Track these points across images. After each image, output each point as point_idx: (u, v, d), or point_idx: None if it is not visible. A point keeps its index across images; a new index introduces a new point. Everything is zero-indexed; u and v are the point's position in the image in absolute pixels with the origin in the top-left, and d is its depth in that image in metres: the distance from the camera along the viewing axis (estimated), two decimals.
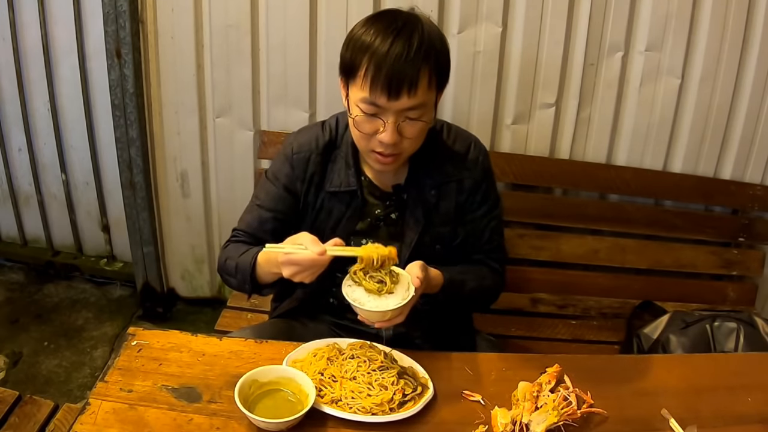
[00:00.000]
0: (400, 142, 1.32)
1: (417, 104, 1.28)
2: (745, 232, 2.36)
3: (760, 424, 1.26)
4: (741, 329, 1.96)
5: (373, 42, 1.26)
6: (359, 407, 1.19)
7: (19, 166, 2.64)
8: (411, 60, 1.25)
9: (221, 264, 1.47)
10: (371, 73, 1.25)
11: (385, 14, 1.32)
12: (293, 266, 1.23)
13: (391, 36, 1.25)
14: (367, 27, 1.29)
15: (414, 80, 1.26)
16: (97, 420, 1.13)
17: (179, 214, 2.49)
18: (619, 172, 2.28)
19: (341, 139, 1.46)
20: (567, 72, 2.19)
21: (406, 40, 1.25)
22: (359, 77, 1.27)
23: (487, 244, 1.53)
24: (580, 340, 2.23)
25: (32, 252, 2.81)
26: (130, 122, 2.26)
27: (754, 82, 2.21)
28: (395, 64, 1.24)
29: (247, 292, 1.43)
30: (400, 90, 1.25)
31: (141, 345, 1.31)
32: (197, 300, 2.68)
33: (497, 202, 1.54)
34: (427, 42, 1.27)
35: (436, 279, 1.38)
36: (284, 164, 1.46)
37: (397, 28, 1.26)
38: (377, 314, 1.24)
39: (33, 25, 2.35)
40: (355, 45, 1.29)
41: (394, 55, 1.24)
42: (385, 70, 1.24)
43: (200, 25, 2.16)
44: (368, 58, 1.25)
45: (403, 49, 1.24)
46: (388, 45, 1.24)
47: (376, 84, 1.25)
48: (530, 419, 1.17)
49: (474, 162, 1.49)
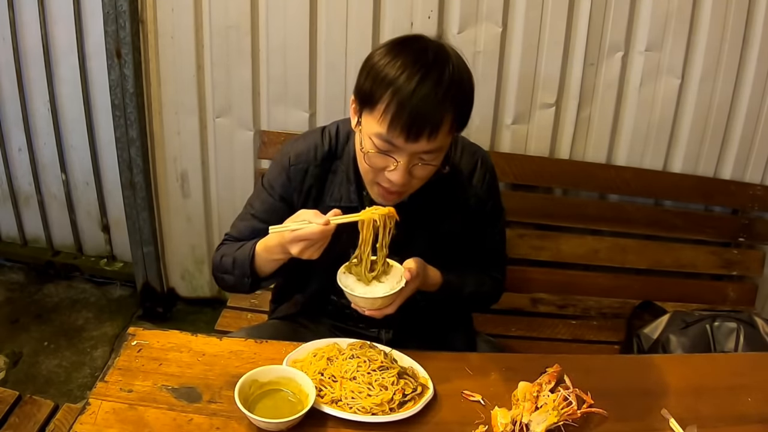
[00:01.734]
0: (408, 181, 1.27)
1: (434, 148, 1.22)
2: (745, 232, 2.37)
3: (760, 424, 1.26)
4: (741, 329, 1.96)
5: (397, 77, 1.17)
6: (359, 407, 1.19)
7: (19, 166, 2.64)
8: (437, 103, 1.17)
9: (216, 263, 1.45)
10: (392, 111, 1.17)
11: (413, 44, 1.22)
12: (302, 242, 1.21)
13: (418, 73, 1.16)
14: (392, 57, 1.19)
15: (437, 125, 1.18)
16: (97, 420, 1.13)
17: (179, 214, 2.49)
18: (619, 172, 2.28)
19: (342, 149, 1.41)
20: (567, 72, 2.19)
21: (434, 80, 1.17)
22: (378, 111, 1.19)
23: (489, 255, 1.52)
24: (580, 340, 2.23)
25: (32, 252, 2.81)
26: (130, 122, 2.26)
27: (754, 82, 2.21)
28: (419, 105, 1.16)
29: (246, 287, 1.40)
30: (420, 133, 1.18)
31: (141, 345, 1.31)
32: (197, 300, 2.68)
33: (501, 215, 1.53)
34: (456, 84, 1.19)
35: (434, 278, 1.38)
36: (281, 174, 1.42)
37: (426, 64, 1.18)
38: (366, 301, 1.25)
39: (33, 25, 2.35)
40: (377, 76, 1.19)
41: (420, 96, 1.15)
42: (407, 111, 1.16)
43: (200, 25, 2.16)
44: (391, 95, 1.17)
45: (430, 90, 1.16)
46: (414, 84, 1.16)
47: (396, 124, 1.17)
48: (530, 419, 1.17)
49: (480, 181, 1.44)
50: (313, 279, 1.52)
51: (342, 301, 1.52)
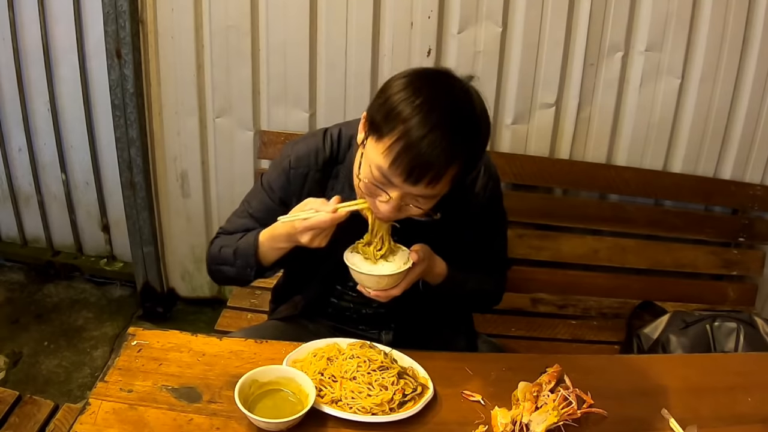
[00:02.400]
0: (396, 216, 1.23)
1: (431, 194, 1.19)
2: (745, 232, 2.37)
3: (760, 424, 1.26)
4: (741, 329, 1.96)
5: (411, 117, 1.12)
6: (359, 407, 1.18)
7: (19, 166, 2.64)
8: (445, 154, 1.12)
9: (214, 255, 1.43)
10: (397, 150, 1.13)
11: (437, 82, 1.17)
12: (311, 231, 1.21)
13: (432, 120, 1.11)
14: (411, 93, 1.14)
15: (439, 174, 1.14)
16: (97, 420, 1.13)
17: (179, 214, 2.49)
18: (619, 172, 2.28)
19: (344, 154, 1.38)
20: (567, 72, 2.19)
21: (448, 129, 1.12)
22: (384, 144, 1.15)
23: (490, 259, 1.52)
24: (580, 340, 2.23)
25: (32, 252, 2.81)
26: (130, 122, 2.26)
27: (754, 82, 2.21)
28: (427, 152, 1.11)
29: (249, 277, 1.39)
30: (420, 179, 1.14)
31: (141, 345, 1.31)
32: (197, 300, 2.68)
33: (503, 221, 1.52)
34: (471, 137, 1.15)
35: (439, 267, 1.37)
36: (281, 176, 1.40)
37: (444, 111, 1.13)
38: (372, 278, 1.24)
39: (33, 25, 2.35)
40: (392, 109, 1.14)
41: (429, 143, 1.11)
42: (412, 155, 1.12)
43: (200, 25, 2.16)
44: (400, 133, 1.12)
45: (441, 139, 1.11)
46: (426, 129, 1.11)
47: (399, 163, 1.13)
48: (530, 419, 1.17)
49: (483, 188, 1.42)
50: (313, 283, 1.52)
51: (342, 304, 1.53)
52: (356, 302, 1.51)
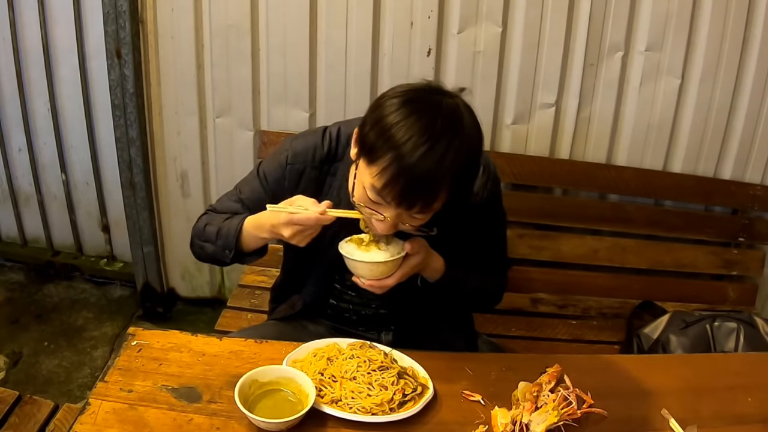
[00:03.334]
0: (394, 231, 1.25)
1: (426, 214, 1.22)
2: (745, 232, 2.37)
3: (760, 424, 1.26)
4: (741, 329, 1.96)
5: (403, 143, 1.12)
6: (359, 407, 1.19)
7: (19, 166, 2.64)
8: (437, 179, 1.13)
9: (198, 230, 1.43)
10: (389, 175, 1.13)
11: (427, 103, 1.16)
12: (295, 226, 1.21)
13: (424, 145, 1.11)
14: (402, 117, 1.14)
15: (431, 199, 1.16)
16: (97, 420, 1.13)
17: (179, 214, 2.49)
18: (619, 172, 2.28)
19: (343, 152, 1.39)
20: (567, 72, 2.19)
21: (439, 155, 1.12)
22: (376, 167, 1.15)
23: (490, 259, 1.52)
24: (580, 340, 2.23)
25: (32, 252, 2.81)
26: (130, 122, 2.26)
27: (754, 82, 2.21)
28: (419, 179, 1.12)
29: (227, 259, 1.38)
30: (413, 204, 1.16)
31: (141, 345, 1.31)
32: (197, 300, 2.68)
33: (503, 221, 1.52)
34: (462, 157, 1.15)
35: (437, 263, 1.37)
36: (277, 170, 1.42)
37: (434, 135, 1.12)
38: (366, 266, 1.25)
39: (33, 25, 2.35)
40: (383, 133, 1.14)
41: (421, 170, 1.11)
42: (404, 180, 1.13)
43: (200, 25, 2.16)
44: (391, 159, 1.13)
45: (432, 165, 1.12)
46: (417, 156, 1.11)
47: (391, 189, 1.14)
48: (530, 419, 1.17)
49: (482, 188, 1.42)
50: (311, 282, 1.52)
51: (341, 305, 1.53)
52: (355, 303, 1.51)
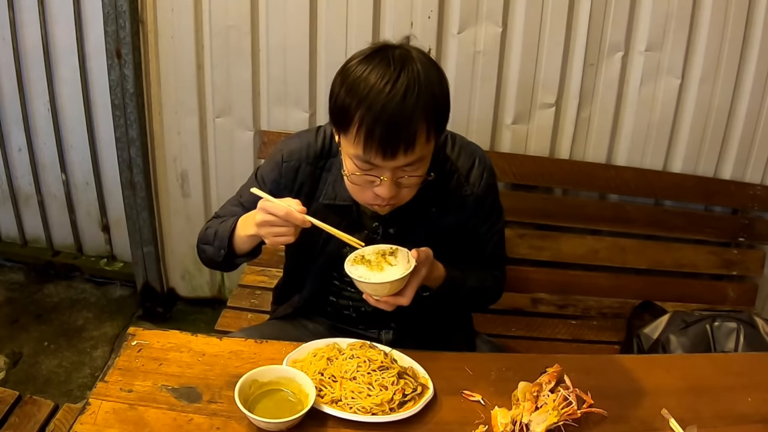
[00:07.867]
0: (398, 192, 1.27)
1: (414, 160, 1.22)
2: (745, 232, 2.37)
3: (760, 424, 1.26)
4: (741, 329, 1.96)
5: (366, 94, 1.17)
6: (359, 407, 1.18)
7: (19, 166, 2.64)
8: (407, 117, 1.17)
9: (202, 234, 1.46)
10: (364, 132, 1.18)
11: (378, 55, 1.21)
12: (266, 215, 1.22)
13: (385, 88, 1.16)
14: (357, 73, 1.19)
15: (411, 139, 1.19)
16: (97, 420, 1.13)
17: (179, 214, 2.49)
18: (619, 172, 2.28)
19: (337, 147, 1.39)
20: (567, 72, 2.19)
21: (401, 94, 1.16)
22: (351, 134, 1.20)
23: (488, 256, 1.52)
24: (580, 340, 2.22)
25: (32, 252, 2.81)
26: (130, 122, 2.26)
27: (754, 82, 2.21)
28: (390, 123, 1.16)
29: (220, 258, 1.39)
30: (396, 150, 1.19)
31: (141, 345, 1.31)
32: (197, 300, 2.68)
33: (500, 216, 1.52)
34: (424, 91, 1.18)
35: (438, 271, 1.37)
36: (273, 170, 1.43)
37: (391, 78, 1.17)
38: (382, 287, 1.24)
39: (33, 25, 2.35)
40: (346, 93, 1.20)
41: (389, 114, 1.16)
42: (379, 131, 1.17)
43: (200, 25, 2.16)
44: (360, 117, 1.17)
45: (397, 105, 1.16)
46: (382, 100, 1.16)
47: (371, 144, 1.18)
48: (530, 419, 1.17)
49: (478, 178, 1.43)
50: (309, 280, 1.52)
51: (340, 302, 1.53)
52: (355, 299, 1.51)
